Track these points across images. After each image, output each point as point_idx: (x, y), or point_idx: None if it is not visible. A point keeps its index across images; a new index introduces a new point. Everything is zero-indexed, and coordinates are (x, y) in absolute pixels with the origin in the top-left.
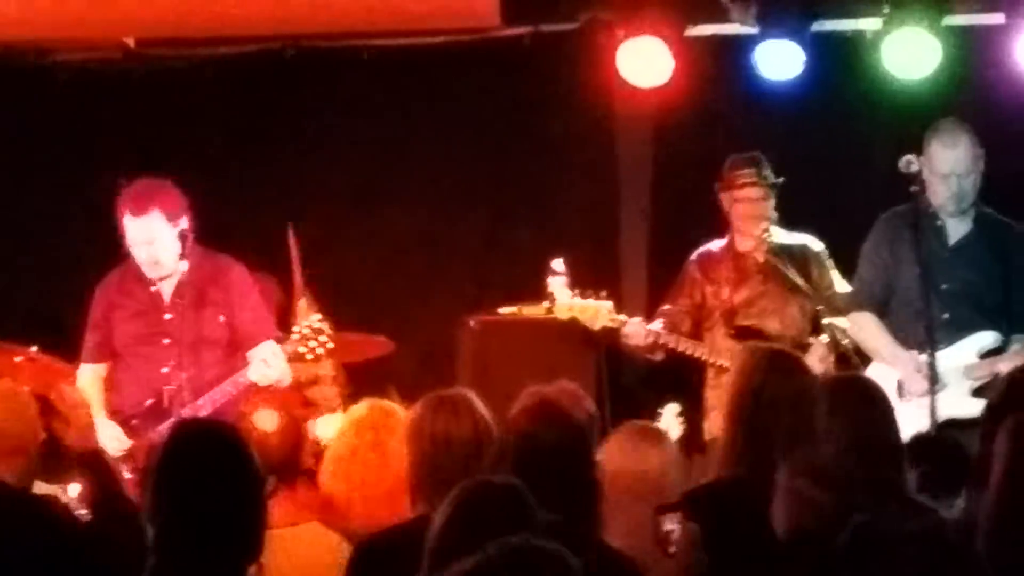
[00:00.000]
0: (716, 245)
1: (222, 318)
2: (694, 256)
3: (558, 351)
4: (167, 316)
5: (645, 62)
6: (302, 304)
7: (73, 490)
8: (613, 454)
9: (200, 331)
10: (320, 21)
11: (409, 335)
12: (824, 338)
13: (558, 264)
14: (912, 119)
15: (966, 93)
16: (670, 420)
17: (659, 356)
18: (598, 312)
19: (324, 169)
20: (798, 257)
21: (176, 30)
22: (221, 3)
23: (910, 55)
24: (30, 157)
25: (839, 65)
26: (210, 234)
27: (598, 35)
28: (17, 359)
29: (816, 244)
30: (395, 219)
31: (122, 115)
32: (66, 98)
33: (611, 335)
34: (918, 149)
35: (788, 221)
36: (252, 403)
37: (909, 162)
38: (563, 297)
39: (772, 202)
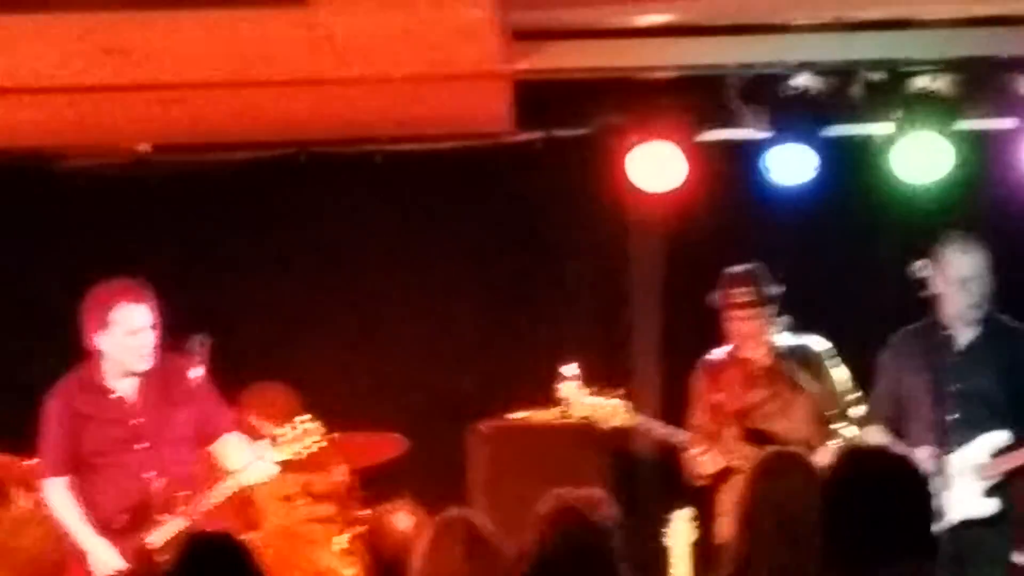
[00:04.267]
0: (718, 353)
1: (188, 414)
2: (697, 369)
3: (568, 456)
4: (137, 420)
5: (657, 166)
6: None
7: None
8: None
9: (173, 431)
10: (334, 126)
11: (419, 439)
12: (835, 441)
13: (568, 369)
14: (924, 224)
15: (978, 197)
16: (682, 525)
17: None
18: (615, 410)
19: (338, 271)
20: (801, 359)
21: (191, 136)
22: (235, 109)
23: (922, 159)
24: (44, 262)
25: (851, 169)
26: (218, 336)
27: (610, 140)
28: None
29: (819, 344)
30: (407, 320)
31: (137, 220)
32: (81, 203)
33: (622, 437)
34: (930, 253)
35: (799, 325)
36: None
37: (922, 267)
38: (578, 396)
39: (773, 311)
